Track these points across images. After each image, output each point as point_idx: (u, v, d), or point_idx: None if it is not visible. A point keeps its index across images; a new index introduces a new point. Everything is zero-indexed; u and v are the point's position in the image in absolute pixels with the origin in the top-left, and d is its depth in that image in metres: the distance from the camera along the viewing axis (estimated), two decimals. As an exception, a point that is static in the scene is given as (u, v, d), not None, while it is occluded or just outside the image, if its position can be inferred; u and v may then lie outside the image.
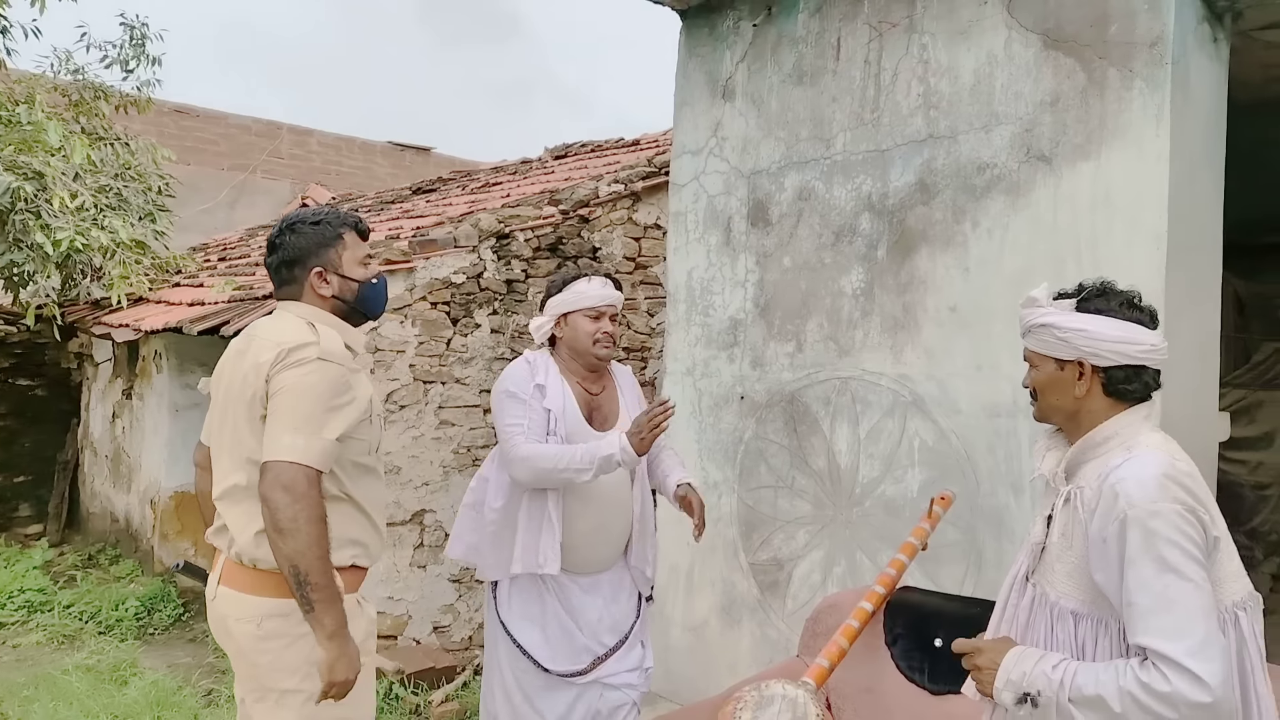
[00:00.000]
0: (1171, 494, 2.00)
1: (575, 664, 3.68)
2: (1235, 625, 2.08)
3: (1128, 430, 2.15)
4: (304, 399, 2.69)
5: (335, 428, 2.73)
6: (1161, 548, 1.96)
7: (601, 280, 3.78)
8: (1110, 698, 1.94)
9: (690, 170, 5.19)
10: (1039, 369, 2.28)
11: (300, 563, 2.59)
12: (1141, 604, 1.96)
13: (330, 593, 2.64)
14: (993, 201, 4.03)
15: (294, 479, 2.61)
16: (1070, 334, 2.18)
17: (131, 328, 7.53)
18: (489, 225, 6.49)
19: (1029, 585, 2.26)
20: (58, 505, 10.18)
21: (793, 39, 4.75)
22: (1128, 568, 1.98)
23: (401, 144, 16.51)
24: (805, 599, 4.56)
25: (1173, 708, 1.89)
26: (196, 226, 13.07)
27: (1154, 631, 1.94)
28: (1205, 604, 1.95)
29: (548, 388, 3.65)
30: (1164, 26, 3.61)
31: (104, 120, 9.55)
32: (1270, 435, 6.82)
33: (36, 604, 7.29)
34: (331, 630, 2.63)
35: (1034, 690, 2.05)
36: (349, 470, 2.85)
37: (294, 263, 2.93)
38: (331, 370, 2.76)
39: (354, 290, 2.96)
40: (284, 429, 2.67)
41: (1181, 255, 3.67)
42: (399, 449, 6.09)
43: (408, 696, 5.71)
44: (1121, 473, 2.05)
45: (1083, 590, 2.11)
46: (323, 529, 2.64)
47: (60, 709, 5.29)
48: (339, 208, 3.06)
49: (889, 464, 4.32)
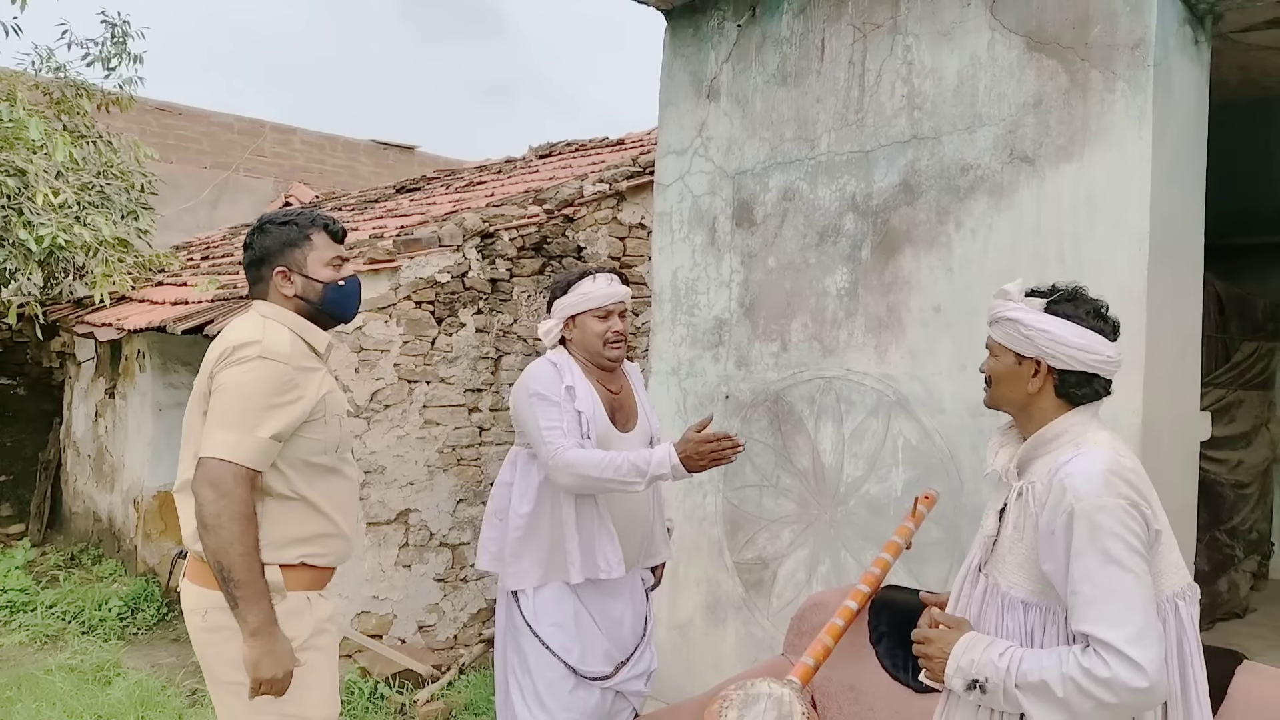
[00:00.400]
0: (1116, 489, 2.09)
1: (603, 667, 3.58)
2: (1175, 614, 2.18)
3: (1076, 428, 2.25)
4: (239, 396, 2.70)
5: (271, 426, 2.71)
6: (1105, 541, 2.06)
7: (608, 277, 3.66)
8: (1053, 683, 2.06)
9: (675, 170, 5.20)
10: (998, 359, 2.37)
11: (222, 558, 2.61)
12: (1085, 593, 2.06)
13: (253, 589, 2.64)
14: (976, 202, 4.05)
15: (220, 475, 2.63)
16: (1034, 333, 2.26)
17: (114, 327, 7.50)
18: (473, 224, 6.49)
19: (981, 576, 2.35)
20: (40, 505, 10.13)
21: (777, 40, 4.77)
22: (1073, 559, 2.08)
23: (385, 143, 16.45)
24: (790, 598, 4.58)
25: (1112, 691, 2.00)
26: (178, 225, 13.02)
27: (1096, 620, 2.04)
28: (1145, 595, 2.05)
29: (577, 389, 3.52)
30: (1146, 29, 3.64)
31: (86, 118, 9.50)
32: (1249, 434, 6.87)
33: (18, 604, 7.26)
34: (255, 627, 2.64)
35: (982, 677, 2.17)
36: (300, 469, 2.83)
37: (260, 262, 2.95)
38: (271, 369, 2.74)
39: (318, 291, 2.95)
40: (216, 425, 2.69)
41: (1163, 256, 3.70)
42: (383, 448, 6.09)
43: (393, 696, 5.71)
44: (1070, 468, 2.14)
45: (1032, 581, 2.21)
46: (246, 526, 2.64)
47: (43, 709, 5.27)
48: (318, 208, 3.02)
49: (873, 463, 4.34)
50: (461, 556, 6.46)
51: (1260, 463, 7.04)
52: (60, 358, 10.59)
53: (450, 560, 6.40)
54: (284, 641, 2.71)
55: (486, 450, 6.56)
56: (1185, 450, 4.08)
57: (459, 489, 6.41)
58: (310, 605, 2.86)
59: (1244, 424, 6.79)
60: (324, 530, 2.89)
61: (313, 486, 2.86)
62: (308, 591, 2.86)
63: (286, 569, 2.79)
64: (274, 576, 2.74)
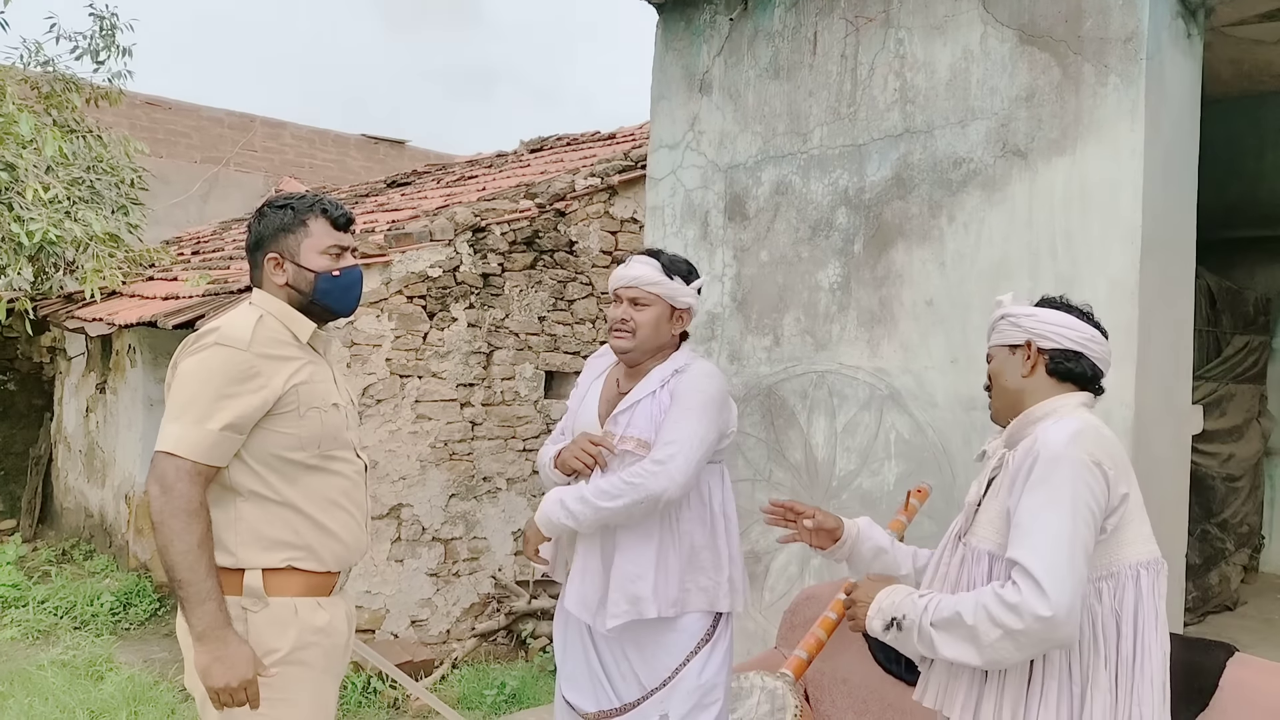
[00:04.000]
0: (1082, 445, 2.17)
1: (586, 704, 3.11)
2: (1135, 582, 2.22)
3: (1065, 408, 2.30)
4: (190, 385, 2.54)
5: (222, 417, 2.51)
6: (1056, 484, 2.13)
7: (637, 259, 3.15)
8: (965, 612, 2.12)
9: (667, 164, 5.19)
10: (994, 360, 2.45)
11: (166, 557, 2.46)
12: (1022, 524, 2.14)
13: (196, 590, 2.45)
14: (969, 196, 4.06)
15: (165, 471, 2.48)
16: (1022, 318, 2.38)
17: (105, 322, 7.47)
18: (465, 219, 6.48)
19: (960, 544, 2.38)
20: (31, 500, 10.11)
21: (769, 33, 4.77)
22: (1023, 495, 2.17)
23: (375, 137, 16.42)
24: (782, 591, 4.58)
25: (1018, 616, 2.05)
26: (168, 220, 12.97)
27: (1023, 547, 2.11)
28: (1077, 539, 2.11)
29: (590, 377, 3.26)
30: (1138, 22, 3.64)
31: (75, 113, 9.47)
32: (1240, 428, 6.88)
33: (10, 599, 7.23)
34: (200, 629, 2.46)
35: (900, 614, 2.25)
36: (275, 466, 2.62)
37: (255, 247, 2.77)
38: (225, 355, 2.55)
39: (309, 281, 2.73)
40: (166, 418, 2.54)
41: (1155, 249, 3.70)
42: (375, 443, 6.08)
43: (385, 690, 5.70)
44: (1044, 426, 2.25)
45: (1000, 534, 2.26)
46: (189, 523, 2.46)
47: (36, 704, 5.26)
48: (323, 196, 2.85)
49: (865, 457, 4.34)
50: (454, 551, 6.46)
51: (1251, 456, 7.05)
52: (51, 353, 10.56)
53: (443, 555, 6.40)
54: (239, 647, 2.49)
55: (478, 445, 6.55)
56: (1177, 444, 4.09)
57: (451, 484, 6.41)
58: (297, 615, 2.61)
59: (1235, 418, 6.81)
60: (309, 532, 2.65)
61: (294, 486, 2.64)
62: (298, 598, 2.63)
63: (271, 574, 2.59)
64: (253, 581, 2.56)
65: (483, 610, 6.61)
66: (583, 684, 3.14)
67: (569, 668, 3.18)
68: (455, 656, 6.17)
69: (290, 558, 2.62)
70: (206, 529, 2.50)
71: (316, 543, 2.67)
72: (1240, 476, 6.90)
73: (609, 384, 3.21)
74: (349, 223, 2.83)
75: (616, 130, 10.47)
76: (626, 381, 3.16)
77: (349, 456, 2.78)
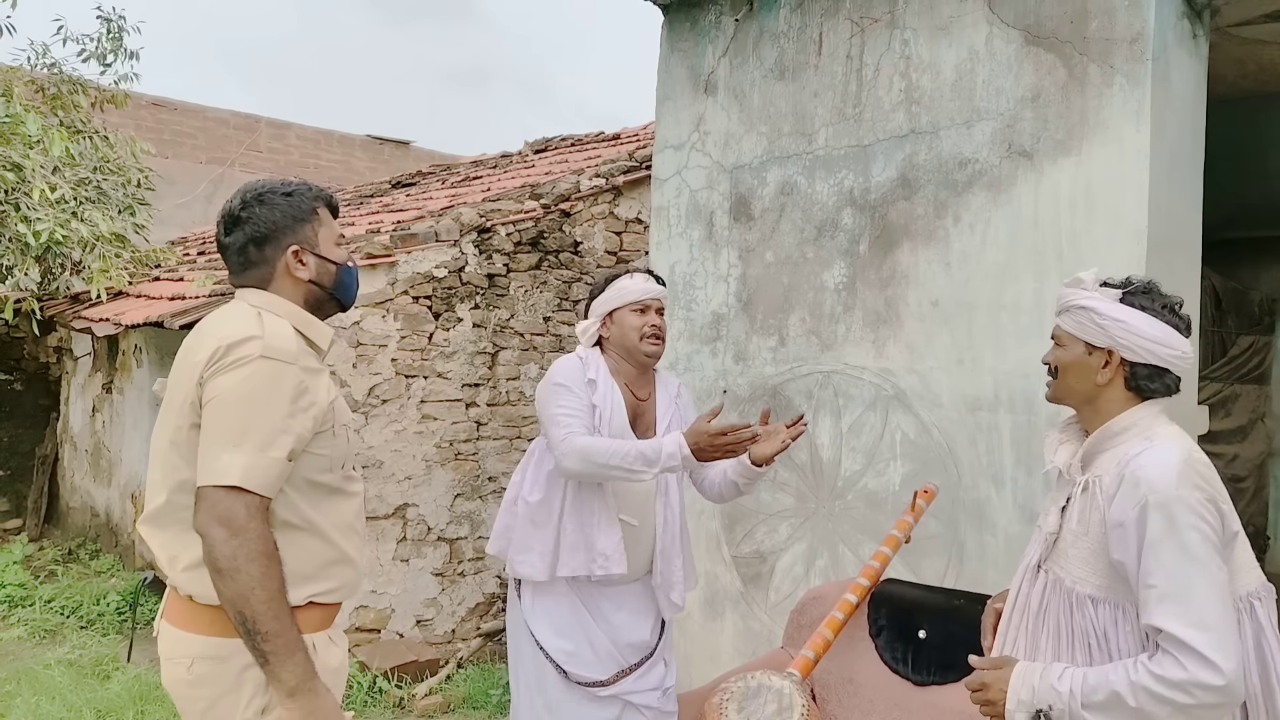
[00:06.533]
0: (1193, 482, 2.03)
1: (598, 673, 3.41)
2: (1251, 614, 2.12)
3: (1146, 421, 2.18)
4: (244, 408, 2.23)
5: (285, 443, 2.26)
6: (1183, 533, 1.99)
7: (644, 275, 3.55)
8: (1124, 693, 1.98)
9: (672, 165, 5.20)
10: (1066, 348, 2.29)
11: (244, 608, 2.15)
12: (1160, 587, 1.99)
13: (285, 641, 2.18)
14: (974, 196, 4.06)
15: (231, 510, 2.17)
16: (1109, 322, 2.19)
17: (111, 322, 7.49)
18: (470, 219, 6.49)
19: (1040, 573, 2.27)
20: (37, 500, 10.12)
21: (774, 34, 4.77)
22: (1146, 551, 2.01)
23: (380, 138, 16.46)
24: (788, 591, 4.59)
25: (1187, 693, 1.92)
26: (174, 220, 13.01)
27: (1170, 616, 1.96)
28: (1221, 592, 1.98)
29: (599, 384, 3.42)
30: (1144, 23, 3.64)
31: (82, 113, 9.49)
32: (1245, 428, 6.89)
33: (17, 599, 7.26)
34: (293, 685, 2.19)
35: (1045, 705, 2.07)
36: (305, 491, 2.37)
37: (265, 240, 2.46)
38: (279, 371, 2.28)
39: (332, 274, 2.53)
40: (221, 446, 2.21)
41: (1161, 250, 3.70)
42: (381, 443, 6.09)
43: (391, 690, 5.71)
44: (1142, 460, 2.08)
45: (1099, 575, 2.13)
46: (268, 567, 2.18)
47: (42, 704, 5.28)
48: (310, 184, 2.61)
49: (871, 457, 4.35)
50: (459, 551, 6.46)
51: (1256, 457, 7.05)
52: (57, 353, 10.58)
53: (448, 554, 6.41)
54: (328, 698, 2.26)
55: (484, 445, 6.56)
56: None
57: (456, 483, 6.42)
58: (316, 654, 2.34)
59: (1240, 418, 6.81)
60: (332, 561, 2.43)
61: (319, 510, 2.40)
62: (315, 634, 2.38)
63: (296, 611, 2.30)
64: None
65: (488, 610, 6.61)
66: (587, 656, 3.41)
67: (568, 644, 3.41)
68: (460, 656, 6.18)
69: (313, 592, 2.39)
70: (282, 572, 2.24)
71: (335, 572, 2.45)
72: (1245, 477, 6.90)
73: (624, 391, 3.49)
74: (339, 210, 2.67)
75: (621, 130, 10.49)
76: (640, 389, 3.54)
77: (357, 476, 2.60)
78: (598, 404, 3.39)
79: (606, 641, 3.44)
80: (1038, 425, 3.82)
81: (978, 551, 4.00)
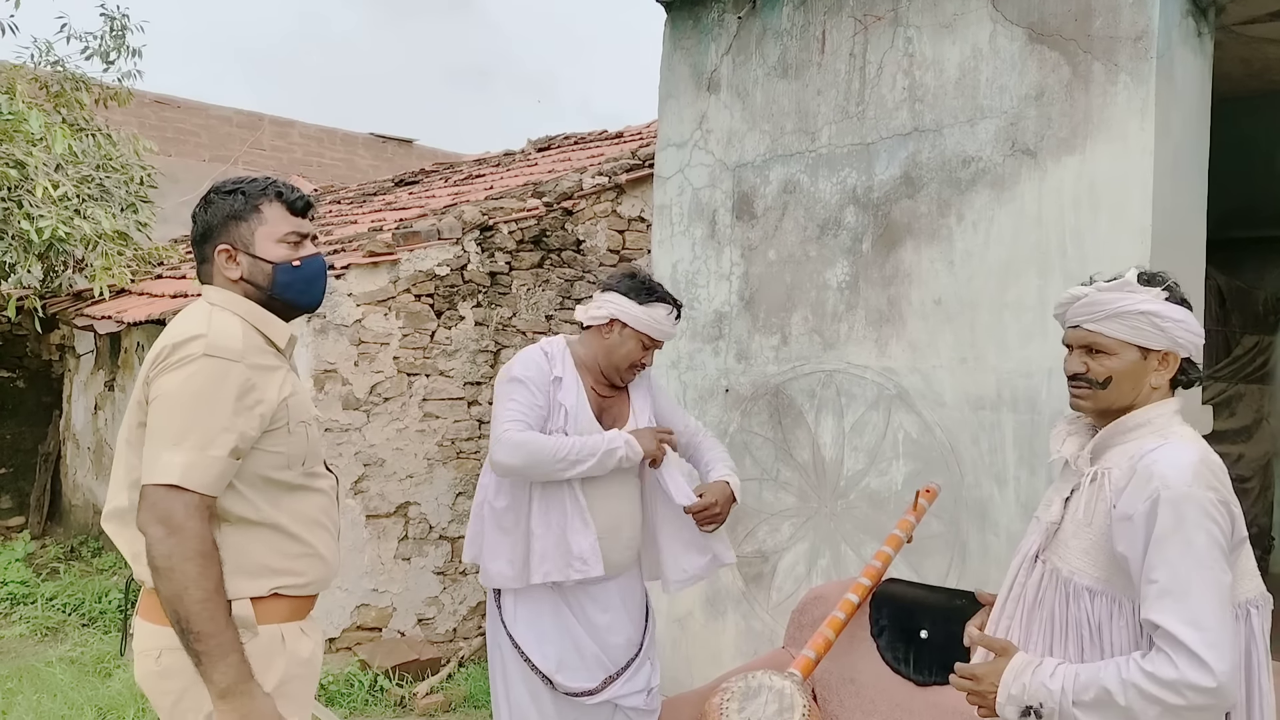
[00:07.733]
0: (1206, 482, 2.01)
1: (585, 681, 3.36)
2: (1246, 621, 2.09)
3: (1161, 419, 2.15)
4: (184, 407, 2.22)
5: (227, 441, 2.23)
6: (1190, 531, 1.96)
7: (675, 314, 3.48)
8: (1115, 691, 1.96)
9: (675, 163, 5.19)
10: (1117, 356, 2.16)
11: (178, 607, 2.15)
12: (1161, 582, 1.97)
13: (218, 642, 2.16)
14: (977, 195, 4.05)
15: (169, 508, 2.16)
16: (1170, 324, 2.13)
17: (114, 319, 7.50)
18: (472, 217, 6.48)
19: (1039, 563, 2.25)
20: (39, 497, 10.14)
21: (777, 32, 4.76)
22: (1153, 545, 1.99)
23: (383, 135, 16.47)
24: (790, 591, 4.58)
25: (1178, 694, 1.90)
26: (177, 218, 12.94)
27: (1168, 611, 1.95)
28: (1222, 594, 1.96)
29: (565, 381, 3.37)
30: (1149, 21, 3.63)
31: (85, 111, 9.49)
32: (1250, 428, 6.87)
33: (19, 596, 7.26)
34: (224, 686, 2.16)
35: (1036, 702, 2.06)
36: (261, 488, 2.35)
37: (204, 239, 2.45)
38: (222, 369, 2.25)
39: (266, 274, 2.43)
40: (160, 444, 2.21)
41: (1165, 249, 3.69)
42: (383, 441, 6.09)
43: (392, 689, 5.70)
44: (1157, 455, 2.05)
45: (1099, 567, 2.11)
46: (205, 566, 2.17)
47: (44, 701, 5.27)
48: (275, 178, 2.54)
49: (873, 457, 4.34)
50: (461, 549, 6.44)
51: (1260, 457, 7.03)
52: (60, 350, 10.59)
53: (450, 553, 6.40)
54: (264, 701, 2.24)
55: (485, 444, 6.55)
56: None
57: (458, 482, 6.41)
58: (284, 644, 2.37)
59: (1244, 418, 6.79)
60: (298, 553, 2.42)
61: (279, 507, 2.38)
62: (283, 625, 2.38)
63: (257, 602, 2.32)
64: (243, 611, 2.27)
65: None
66: (574, 663, 3.37)
67: (554, 653, 3.36)
68: (462, 655, 6.17)
69: (277, 585, 2.37)
70: (221, 571, 2.23)
71: (301, 565, 2.43)
72: (1250, 477, 6.88)
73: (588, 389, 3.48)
74: (307, 207, 2.54)
75: (624, 129, 10.47)
76: (603, 389, 3.53)
77: (324, 472, 2.57)
78: (564, 402, 3.35)
79: (593, 645, 3.40)
80: (1040, 424, 3.81)
81: (980, 551, 3.99)
